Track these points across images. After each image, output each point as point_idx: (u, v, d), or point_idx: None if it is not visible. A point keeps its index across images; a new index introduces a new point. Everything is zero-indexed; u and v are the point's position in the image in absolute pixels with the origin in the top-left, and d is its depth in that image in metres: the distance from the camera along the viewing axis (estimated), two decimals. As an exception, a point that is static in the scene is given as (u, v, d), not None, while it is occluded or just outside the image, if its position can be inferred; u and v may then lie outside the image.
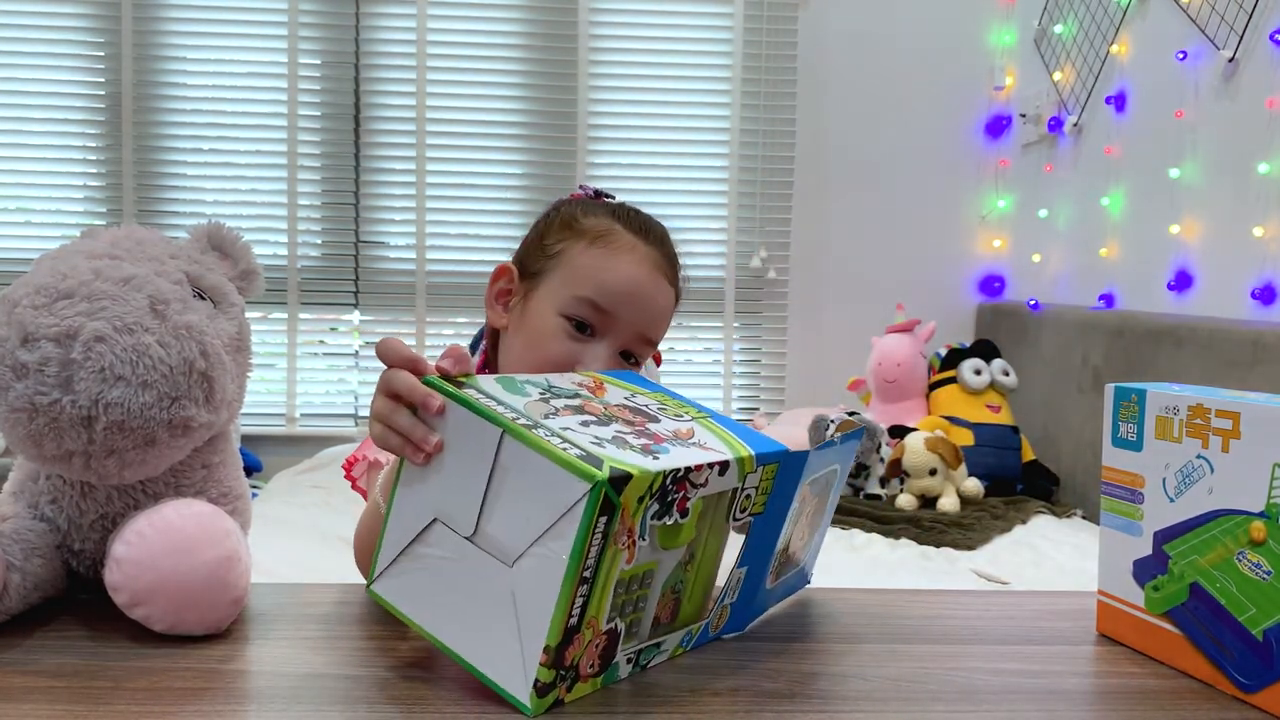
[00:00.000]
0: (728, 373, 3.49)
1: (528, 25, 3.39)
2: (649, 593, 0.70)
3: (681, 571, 0.73)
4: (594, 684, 0.69)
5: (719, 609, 0.77)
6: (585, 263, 1.00)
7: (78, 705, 0.66)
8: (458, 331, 3.45)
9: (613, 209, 1.06)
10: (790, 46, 3.41)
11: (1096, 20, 2.92)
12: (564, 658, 0.65)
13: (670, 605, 0.73)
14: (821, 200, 3.47)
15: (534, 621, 0.64)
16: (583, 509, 0.62)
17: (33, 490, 0.86)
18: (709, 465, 0.69)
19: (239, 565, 0.79)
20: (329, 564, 1.93)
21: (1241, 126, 2.32)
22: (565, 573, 0.62)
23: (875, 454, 2.74)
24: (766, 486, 0.75)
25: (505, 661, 0.65)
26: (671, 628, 0.74)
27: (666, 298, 1.03)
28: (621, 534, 0.64)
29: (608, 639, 0.68)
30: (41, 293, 0.76)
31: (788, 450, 0.76)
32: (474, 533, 0.66)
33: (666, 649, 0.74)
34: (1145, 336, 2.47)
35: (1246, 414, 0.71)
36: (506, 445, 0.65)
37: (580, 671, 0.67)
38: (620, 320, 0.99)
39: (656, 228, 1.06)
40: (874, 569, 2.08)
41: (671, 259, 1.05)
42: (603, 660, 0.68)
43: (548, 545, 0.63)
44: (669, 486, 0.66)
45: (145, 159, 3.31)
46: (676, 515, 0.68)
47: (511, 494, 0.65)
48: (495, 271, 1.08)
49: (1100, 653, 0.81)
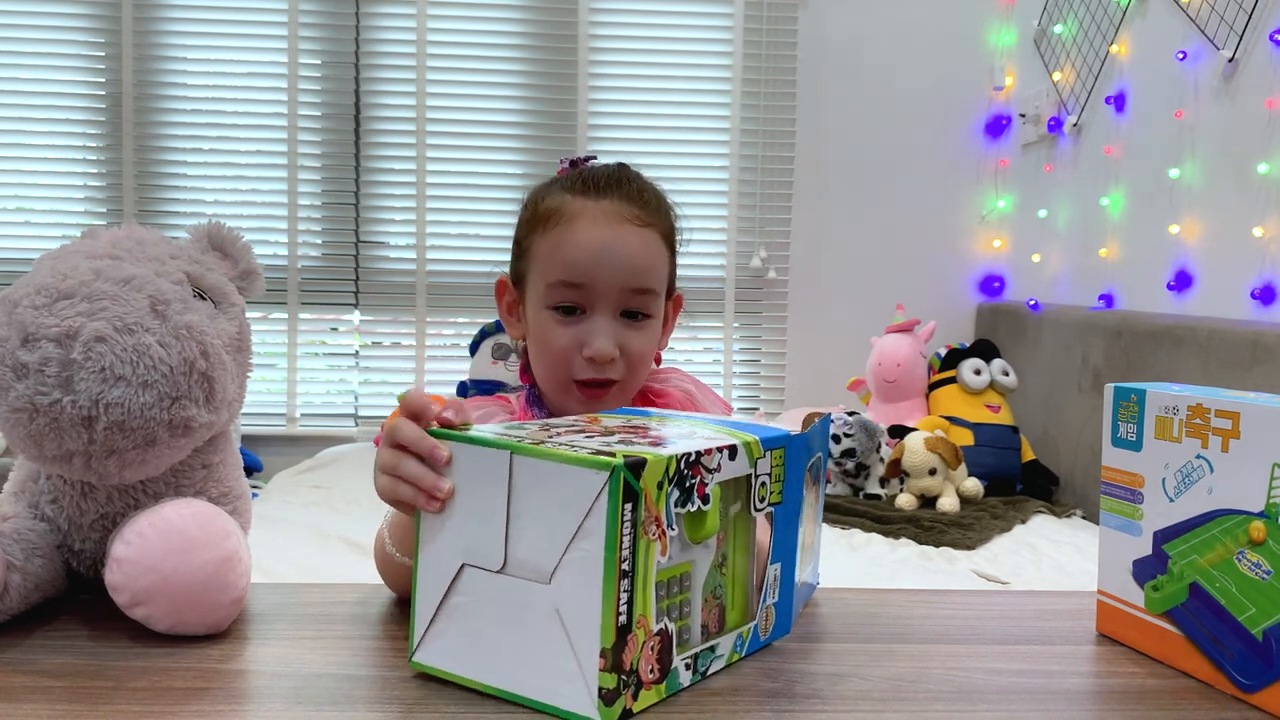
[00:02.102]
0: (728, 373, 3.49)
1: (528, 25, 3.39)
2: (690, 596, 0.70)
3: (718, 575, 0.73)
4: (658, 691, 0.67)
5: (764, 611, 0.77)
6: (546, 248, 0.99)
7: (78, 705, 0.66)
8: (458, 331, 3.46)
9: (568, 180, 1.03)
10: (790, 47, 3.41)
11: (1096, 20, 2.92)
12: (622, 661, 0.64)
13: (716, 612, 0.73)
14: (821, 200, 3.47)
15: (584, 628, 0.63)
16: (606, 499, 0.62)
17: (33, 490, 0.86)
18: (717, 449, 0.69)
19: (239, 565, 0.79)
20: (329, 564, 1.93)
21: (1241, 126, 2.32)
22: (604, 567, 0.62)
23: (875, 454, 2.74)
24: (779, 474, 0.76)
25: (566, 682, 0.64)
26: (722, 634, 0.74)
27: (639, 240, 0.99)
28: (649, 523, 0.64)
29: (661, 641, 0.67)
30: (42, 293, 0.76)
31: (789, 434, 0.77)
32: (504, 564, 0.66)
33: (722, 654, 0.73)
34: (1145, 336, 2.47)
35: (1246, 414, 0.71)
36: (518, 464, 0.65)
37: (642, 678, 0.66)
38: (598, 286, 0.97)
39: (612, 176, 1.02)
40: (874, 569, 2.08)
41: (636, 197, 1.01)
42: (661, 665, 0.67)
43: (580, 547, 0.63)
44: (684, 471, 0.66)
45: (145, 159, 3.31)
46: (699, 501, 0.68)
47: (532, 511, 0.65)
48: (496, 288, 1.08)
49: (1100, 653, 0.81)
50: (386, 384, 3.47)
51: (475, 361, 3.12)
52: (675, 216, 1.07)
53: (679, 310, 1.12)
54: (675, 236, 1.06)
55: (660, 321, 1.04)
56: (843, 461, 2.72)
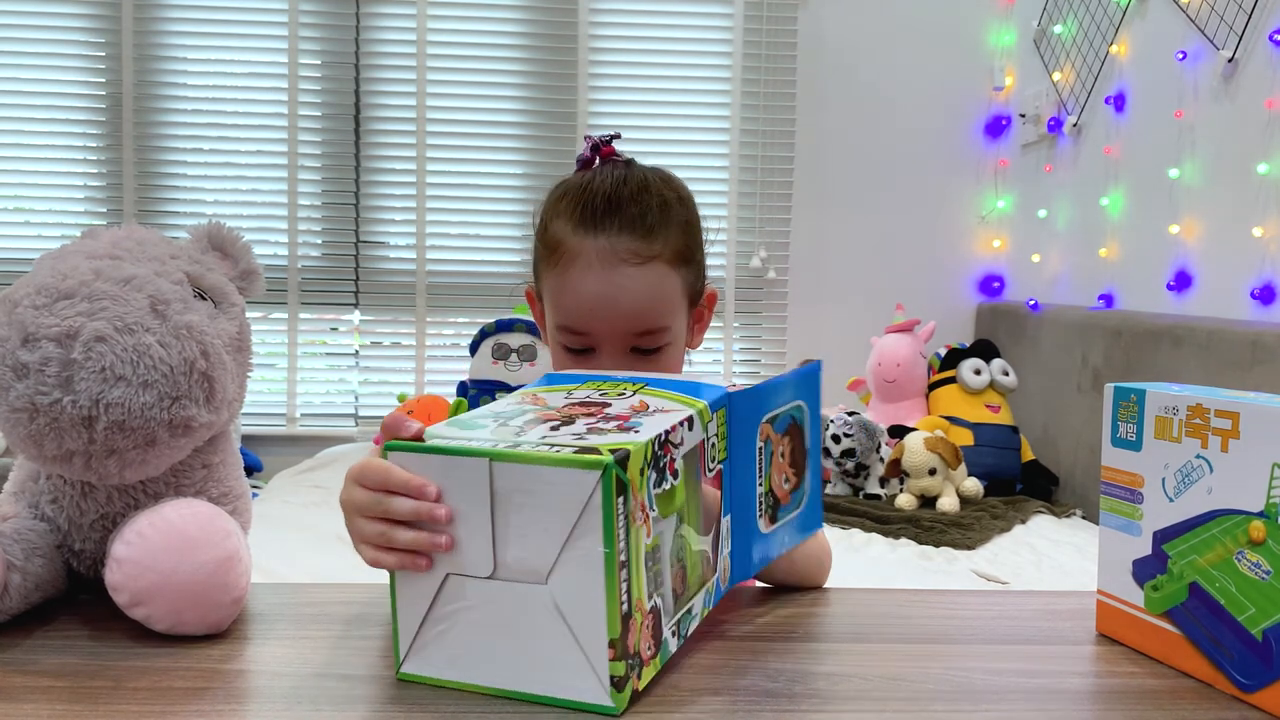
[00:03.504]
0: (728, 373, 3.49)
1: (528, 25, 3.39)
2: (661, 566, 0.71)
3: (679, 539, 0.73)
4: (655, 665, 0.69)
5: (720, 561, 0.78)
6: (553, 287, 0.98)
7: (78, 705, 0.66)
8: (458, 331, 3.46)
9: (573, 200, 0.99)
10: (790, 47, 3.41)
11: (1096, 20, 2.92)
12: (628, 646, 0.65)
13: (679, 574, 0.73)
14: (821, 200, 3.47)
15: (589, 622, 0.63)
16: (601, 497, 0.62)
17: (33, 490, 0.86)
18: (680, 424, 0.70)
19: (239, 565, 0.79)
20: (329, 564, 1.93)
21: (1241, 126, 2.32)
22: (606, 564, 0.62)
23: (875, 454, 2.74)
24: (722, 431, 0.77)
25: (575, 675, 0.64)
26: (690, 594, 0.75)
27: (639, 282, 0.95)
28: (637, 510, 0.64)
29: (654, 617, 0.68)
30: (42, 293, 0.76)
31: (728, 392, 0.77)
32: (494, 569, 0.65)
33: (696, 613, 0.75)
34: (1144, 336, 2.47)
35: (1246, 414, 0.71)
36: (498, 471, 0.64)
37: (643, 657, 0.67)
38: (600, 334, 0.97)
39: (613, 199, 0.97)
40: (874, 569, 2.08)
41: (638, 223, 0.96)
42: (655, 640, 0.69)
43: (579, 545, 0.63)
44: (658, 452, 0.67)
45: (145, 159, 3.31)
46: (670, 479, 0.69)
47: (520, 515, 0.64)
48: (526, 297, 1.08)
49: (1100, 653, 0.81)
50: (386, 384, 3.47)
51: (475, 361, 3.12)
52: (692, 213, 1.03)
53: (714, 305, 1.09)
54: (694, 238, 1.03)
55: (681, 341, 1.02)
56: (843, 461, 2.72)
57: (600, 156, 1.05)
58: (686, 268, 1.01)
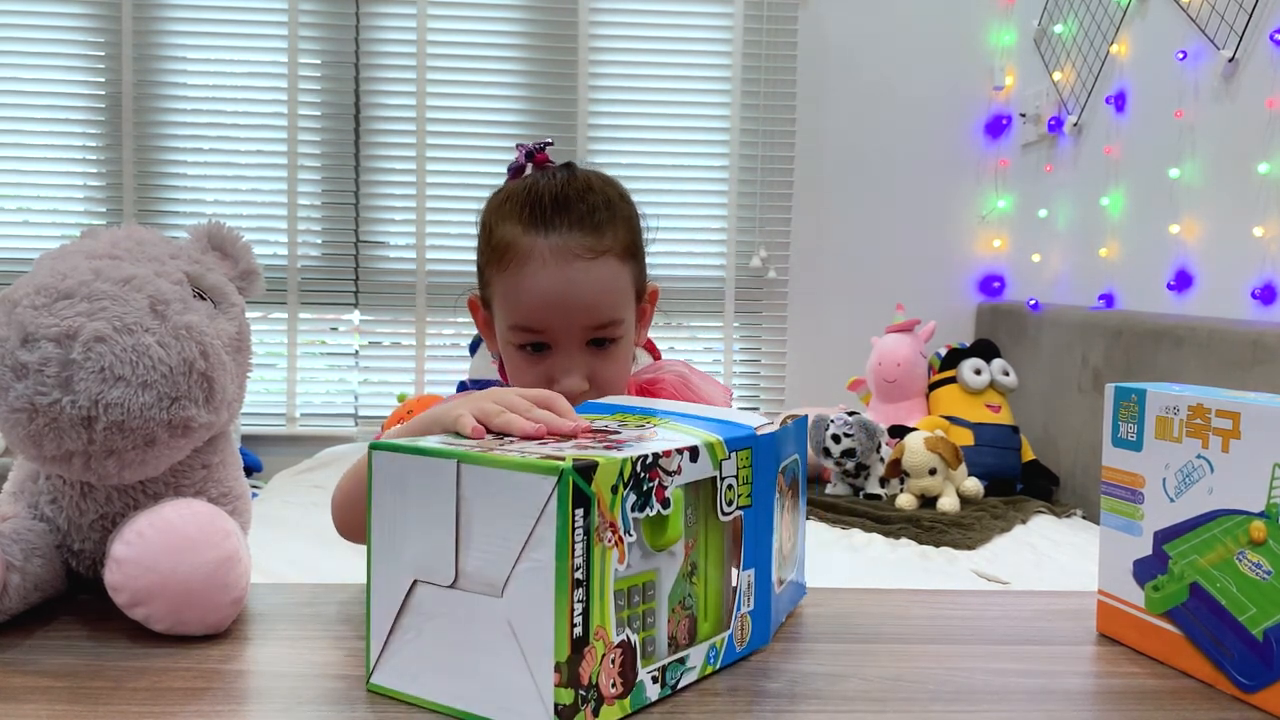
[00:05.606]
0: (728, 373, 3.49)
1: (528, 25, 3.39)
2: (655, 606, 0.68)
3: (687, 584, 0.70)
4: (622, 706, 0.64)
5: (738, 619, 0.74)
6: (504, 290, 1.00)
7: (78, 705, 0.66)
8: (458, 331, 3.46)
9: (517, 202, 1.01)
10: (790, 46, 3.41)
11: (1096, 20, 2.92)
12: (579, 675, 0.61)
13: (686, 623, 0.70)
14: (821, 200, 3.47)
15: (537, 642, 0.60)
16: (555, 504, 0.59)
17: (32, 490, 0.86)
18: (677, 450, 0.66)
19: (239, 565, 0.79)
20: (329, 564, 1.92)
21: (1241, 126, 2.32)
22: (555, 576, 0.59)
23: (875, 454, 2.74)
24: (746, 475, 0.73)
25: (520, 698, 0.61)
26: (693, 645, 0.71)
27: (592, 276, 0.98)
28: (604, 528, 0.61)
29: (623, 653, 0.64)
30: (41, 293, 0.76)
31: (755, 433, 0.74)
32: (455, 578, 0.63)
33: (693, 665, 0.70)
34: (1145, 336, 2.47)
35: (1246, 414, 0.71)
36: (465, 473, 0.62)
37: (603, 692, 0.63)
38: (558, 330, 0.98)
39: (559, 198, 0.99)
40: (874, 569, 2.08)
41: (586, 220, 0.99)
42: (624, 679, 0.65)
43: (531, 557, 0.60)
44: (641, 474, 0.64)
45: (145, 159, 3.31)
46: (658, 506, 0.65)
47: (481, 522, 0.62)
48: (469, 307, 1.09)
49: (1100, 653, 0.81)
50: (386, 384, 3.47)
51: (475, 361, 3.12)
52: (634, 212, 1.05)
53: (655, 303, 1.11)
54: (637, 237, 1.05)
55: (631, 335, 1.04)
56: (843, 461, 2.72)
57: (534, 164, 1.06)
58: (634, 261, 1.04)
